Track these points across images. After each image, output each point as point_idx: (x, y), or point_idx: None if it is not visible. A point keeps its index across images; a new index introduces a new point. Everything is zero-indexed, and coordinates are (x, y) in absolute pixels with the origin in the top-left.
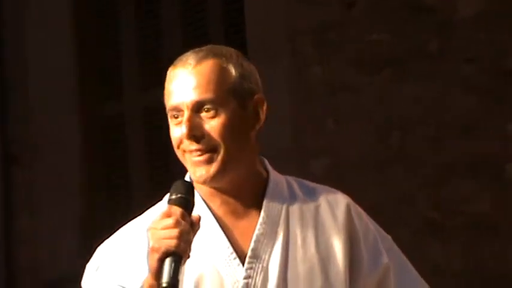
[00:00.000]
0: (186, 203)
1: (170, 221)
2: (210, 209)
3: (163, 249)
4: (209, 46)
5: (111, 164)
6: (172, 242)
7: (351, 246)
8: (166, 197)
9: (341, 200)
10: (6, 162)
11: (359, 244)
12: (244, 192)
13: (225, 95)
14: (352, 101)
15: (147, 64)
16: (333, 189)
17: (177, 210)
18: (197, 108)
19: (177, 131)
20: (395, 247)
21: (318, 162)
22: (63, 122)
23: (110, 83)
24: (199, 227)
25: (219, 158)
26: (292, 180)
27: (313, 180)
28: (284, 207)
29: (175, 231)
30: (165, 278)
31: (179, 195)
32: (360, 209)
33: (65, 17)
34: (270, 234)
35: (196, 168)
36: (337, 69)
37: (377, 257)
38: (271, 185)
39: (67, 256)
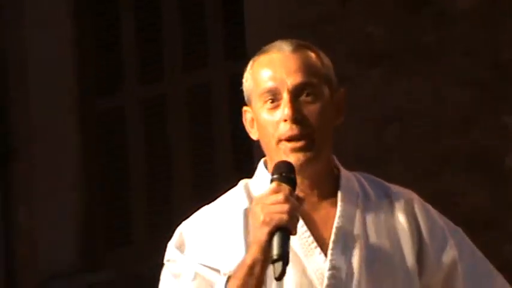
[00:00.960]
0: (291, 182)
1: (280, 197)
2: None
3: (274, 222)
4: (292, 39)
5: (109, 159)
6: (284, 216)
7: (418, 243)
8: (240, 183)
9: (408, 197)
10: (5, 157)
11: (425, 241)
12: (322, 185)
13: (321, 81)
14: (349, 95)
15: (146, 58)
16: (402, 188)
17: (286, 188)
18: (298, 91)
19: (271, 116)
20: (466, 240)
21: None
22: (61, 116)
23: (108, 77)
24: (302, 206)
25: (315, 143)
26: (359, 175)
27: None
28: (358, 202)
29: (286, 206)
30: (276, 250)
31: (284, 174)
32: (426, 205)
33: (64, 13)
34: (347, 229)
35: (292, 154)
36: (333, 62)
37: (443, 252)
38: (343, 180)
39: (65, 251)
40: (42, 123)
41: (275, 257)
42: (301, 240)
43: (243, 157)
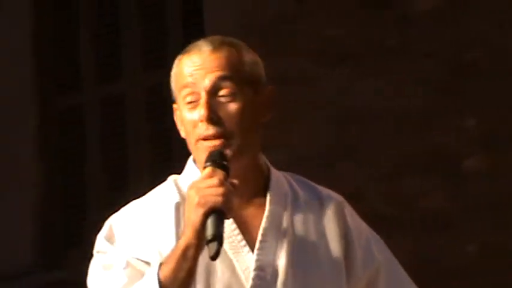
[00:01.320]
0: (225, 169)
1: (215, 181)
2: None
3: (210, 204)
4: (220, 36)
5: (68, 155)
6: (219, 198)
7: (346, 245)
8: (169, 179)
9: (338, 200)
10: None
11: (353, 244)
12: (250, 183)
13: (241, 80)
14: (310, 95)
15: (105, 55)
16: (333, 192)
17: (220, 172)
18: (215, 90)
19: (191, 115)
20: (387, 249)
21: (275, 155)
22: (18, 112)
23: (67, 74)
24: (236, 193)
25: (235, 143)
26: (288, 176)
27: None
28: (287, 203)
29: (221, 189)
30: (211, 231)
31: (217, 161)
32: (353, 210)
33: (24, 8)
34: (275, 230)
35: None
36: (296, 62)
37: (369, 257)
38: (273, 179)
39: (23, 248)
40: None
41: (210, 237)
42: (231, 238)
43: None
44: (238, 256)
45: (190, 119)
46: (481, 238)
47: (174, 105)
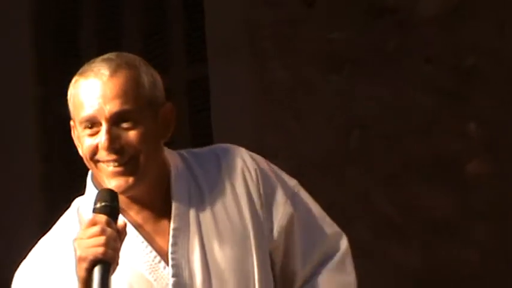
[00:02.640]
0: (111, 211)
1: (96, 229)
2: (128, 217)
3: (90, 257)
4: (116, 54)
5: (71, 161)
6: (100, 249)
7: (253, 209)
8: (73, 205)
9: (234, 160)
10: None
11: (258, 206)
12: (158, 196)
13: (141, 105)
14: (312, 99)
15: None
16: (222, 147)
17: (102, 218)
18: (116, 119)
19: (91, 140)
20: (301, 192)
21: (278, 160)
22: (20, 120)
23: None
24: (126, 234)
25: (138, 168)
26: (186, 155)
27: None
28: (191, 192)
29: (101, 239)
30: (95, 286)
31: (103, 204)
32: (257, 158)
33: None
34: (184, 226)
35: (113, 180)
36: (296, 66)
37: (277, 210)
38: (173, 177)
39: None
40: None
41: None
42: (145, 258)
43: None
44: (155, 274)
45: (89, 144)
46: (484, 243)
47: (71, 122)
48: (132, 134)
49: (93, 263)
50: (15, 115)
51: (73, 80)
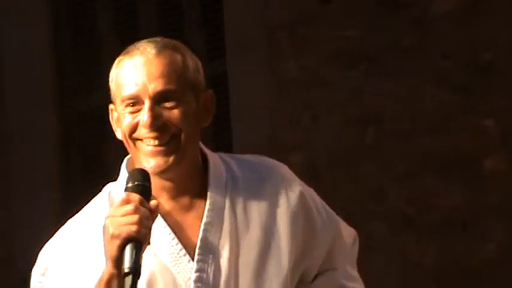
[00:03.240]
0: (144, 190)
1: (129, 207)
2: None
3: (124, 235)
4: (161, 38)
5: (88, 156)
6: (133, 228)
7: (302, 213)
8: (105, 190)
9: (278, 170)
10: None
11: (310, 209)
12: (190, 185)
13: (185, 87)
14: (328, 96)
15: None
16: (269, 161)
17: (136, 197)
18: (159, 98)
19: (132, 118)
20: (340, 228)
21: (294, 157)
22: (39, 113)
23: (87, 76)
24: (157, 214)
25: (179, 148)
26: (227, 157)
27: None
28: (228, 190)
29: (135, 217)
30: (127, 263)
31: (136, 183)
32: (295, 176)
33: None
34: (217, 222)
35: (152, 159)
36: (313, 63)
37: (328, 222)
38: (211, 171)
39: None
40: (18, 120)
41: (126, 270)
42: (170, 249)
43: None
44: (178, 267)
45: (130, 121)
46: (501, 238)
47: (111, 106)
48: (175, 113)
49: (126, 241)
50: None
51: (116, 61)
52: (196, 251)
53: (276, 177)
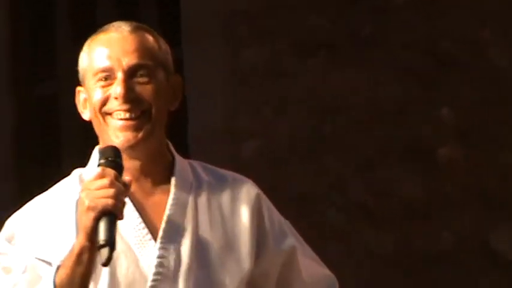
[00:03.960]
0: (117, 166)
1: (105, 181)
2: None
3: (100, 207)
4: (131, 21)
5: (44, 144)
6: (109, 201)
7: (257, 226)
8: (74, 173)
9: (246, 184)
10: None
11: (264, 225)
12: (155, 170)
13: (157, 64)
14: (286, 85)
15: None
16: (239, 175)
17: (111, 172)
18: (132, 72)
19: (103, 91)
20: (297, 235)
21: (250, 146)
22: None
23: (44, 62)
24: (129, 190)
25: (149, 122)
26: (195, 164)
27: (245, 165)
28: (192, 189)
29: (111, 191)
30: (102, 235)
31: (110, 159)
32: (263, 194)
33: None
34: (180, 216)
35: (122, 133)
36: (271, 53)
37: (283, 238)
38: (177, 166)
39: None
40: None
41: (101, 242)
42: (136, 232)
43: None
44: (143, 249)
45: (101, 96)
46: (457, 228)
47: (78, 88)
48: (147, 88)
49: (102, 214)
50: None
51: (88, 40)
52: (159, 239)
53: (240, 184)
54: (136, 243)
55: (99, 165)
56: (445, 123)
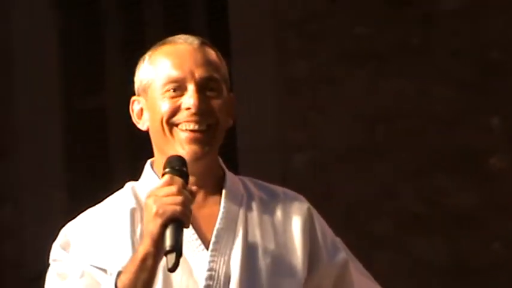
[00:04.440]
0: (183, 175)
1: (173, 189)
2: None
3: (168, 214)
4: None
5: (93, 156)
6: (178, 208)
7: (310, 240)
8: (127, 186)
9: (299, 199)
10: None
11: (317, 238)
12: (208, 183)
13: (222, 79)
14: (336, 94)
15: (130, 57)
16: (290, 191)
17: (179, 180)
18: (204, 84)
19: (172, 102)
20: (349, 251)
21: (302, 156)
22: (45, 113)
23: (92, 76)
24: (194, 200)
25: (214, 138)
26: (246, 180)
27: (297, 175)
28: (243, 203)
29: (179, 198)
30: (169, 241)
31: (177, 167)
32: (317, 213)
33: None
34: (229, 230)
35: (189, 145)
36: (321, 62)
37: (336, 251)
38: (228, 181)
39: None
40: (26, 121)
41: (168, 248)
42: (189, 243)
43: None
44: (195, 258)
45: (170, 106)
46: (508, 235)
47: (134, 98)
48: (215, 103)
49: (170, 220)
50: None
51: (150, 51)
52: (209, 252)
53: (291, 200)
54: (190, 253)
55: (165, 174)
56: (496, 131)
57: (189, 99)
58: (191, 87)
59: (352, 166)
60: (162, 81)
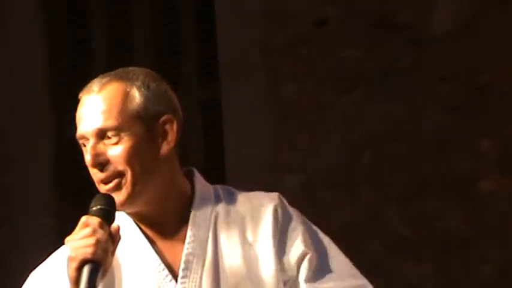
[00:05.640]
0: (105, 214)
1: (87, 230)
2: (142, 231)
3: (80, 257)
4: (118, 70)
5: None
6: (89, 250)
7: (279, 248)
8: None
9: (267, 203)
10: None
11: (286, 243)
12: (169, 212)
13: (128, 119)
14: (325, 119)
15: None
16: (262, 193)
17: (95, 220)
18: (101, 135)
19: (87, 156)
20: (321, 241)
21: (292, 180)
22: (36, 136)
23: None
24: (120, 237)
25: (127, 183)
26: (220, 189)
27: (287, 198)
28: (212, 221)
29: (92, 239)
30: (83, 284)
31: (98, 207)
32: (288, 209)
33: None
34: (199, 253)
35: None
36: (310, 86)
37: (297, 249)
38: (196, 201)
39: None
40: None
41: None
42: (156, 275)
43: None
44: None
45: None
46: (497, 259)
47: None
48: (116, 150)
49: (82, 263)
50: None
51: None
52: (179, 280)
53: (260, 203)
54: (157, 285)
55: (88, 214)
56: (485, 155)
57: (87, 155)
58: (91, 142)
59: (341, 191)
60: (77, 137)
